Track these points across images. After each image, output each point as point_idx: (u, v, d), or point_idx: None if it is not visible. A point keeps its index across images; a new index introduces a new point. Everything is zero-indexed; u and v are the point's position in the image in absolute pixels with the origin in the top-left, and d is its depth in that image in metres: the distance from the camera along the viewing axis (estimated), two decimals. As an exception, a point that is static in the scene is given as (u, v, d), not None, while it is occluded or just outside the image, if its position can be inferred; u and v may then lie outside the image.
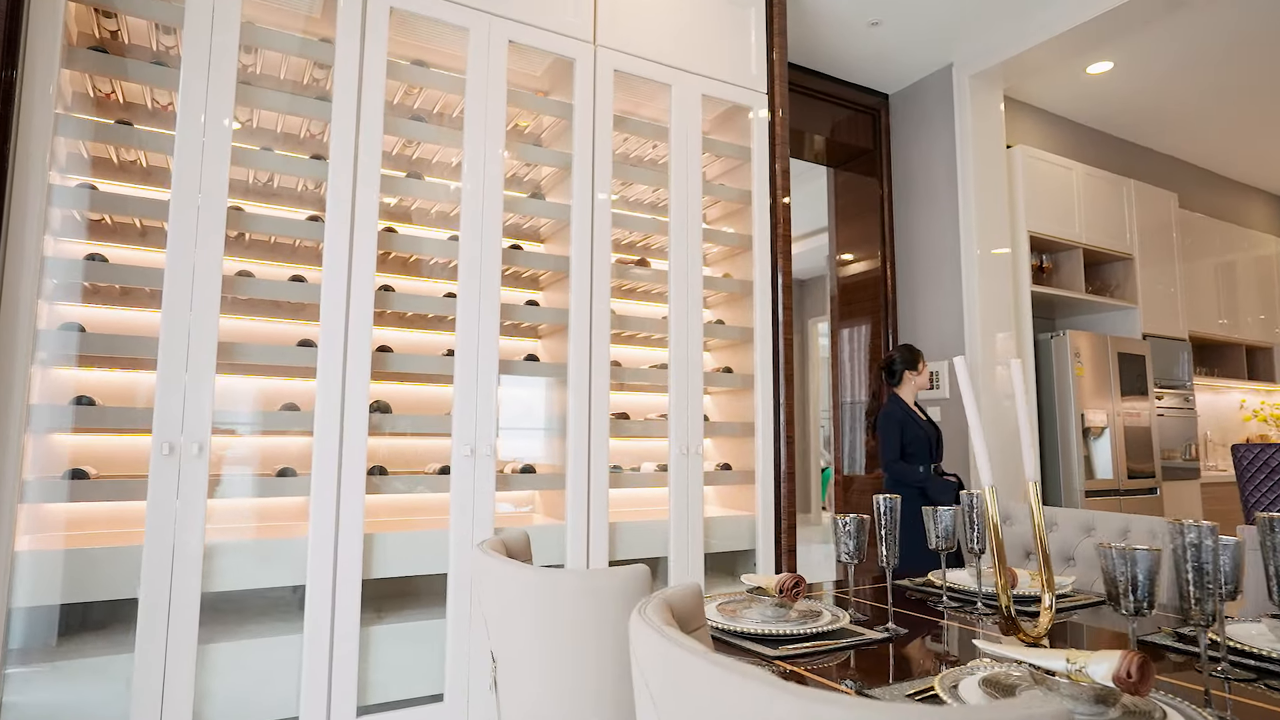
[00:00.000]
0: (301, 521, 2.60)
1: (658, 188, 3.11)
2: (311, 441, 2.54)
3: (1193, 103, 4.59)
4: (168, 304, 2.09)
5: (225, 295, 2.23)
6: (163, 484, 2.04)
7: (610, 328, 2.76)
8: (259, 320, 2.64)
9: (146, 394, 2.45)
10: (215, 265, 2.16)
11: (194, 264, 2.13)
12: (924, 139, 4.20)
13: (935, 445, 3.35)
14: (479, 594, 1.30)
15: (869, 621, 1.46)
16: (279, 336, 2.67)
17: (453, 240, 2.59)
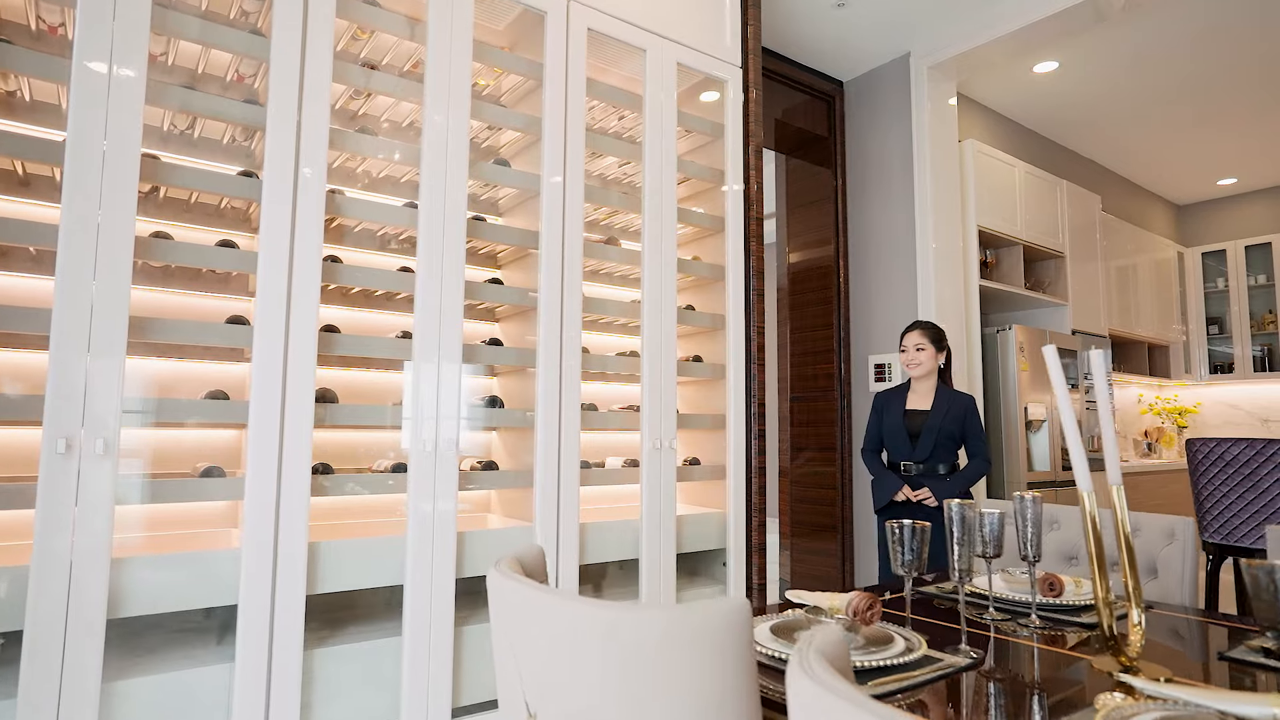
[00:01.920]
0: (228, 529, 2.25)
1: (626, 161, 2.89)
2: (242, 435, 2.20)
3: (1123, 106, 4.78)
4: (64, 269, 1.71)
5: (137, 261, 1.85)
6: (57, 488, 1.67)
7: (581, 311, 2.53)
8: (176, 293, 2.25)
9: (32, 378, 2.03)
10: (126, 224, 1.79)
11: (99, 222, 1.75)
12: (880, 129, 4.16)
13: (919, 437, 2.86)
14: (504, 626, 1.07)
15: (933, 642, 1.33)
16: (202, 312, 2.29)
17: (409, 207, 2.29)
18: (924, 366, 2.86)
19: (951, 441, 2.81)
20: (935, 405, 2.83)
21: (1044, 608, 1.51)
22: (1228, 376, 6.11)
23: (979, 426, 2.85)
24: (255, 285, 2.28)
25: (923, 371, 2.87)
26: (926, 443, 2.80)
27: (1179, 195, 6.43)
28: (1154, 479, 5.25)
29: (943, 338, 2.90)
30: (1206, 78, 4.35)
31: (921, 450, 2.82)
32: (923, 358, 2.86)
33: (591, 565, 2.59)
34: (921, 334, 2.88)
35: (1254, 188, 6.20)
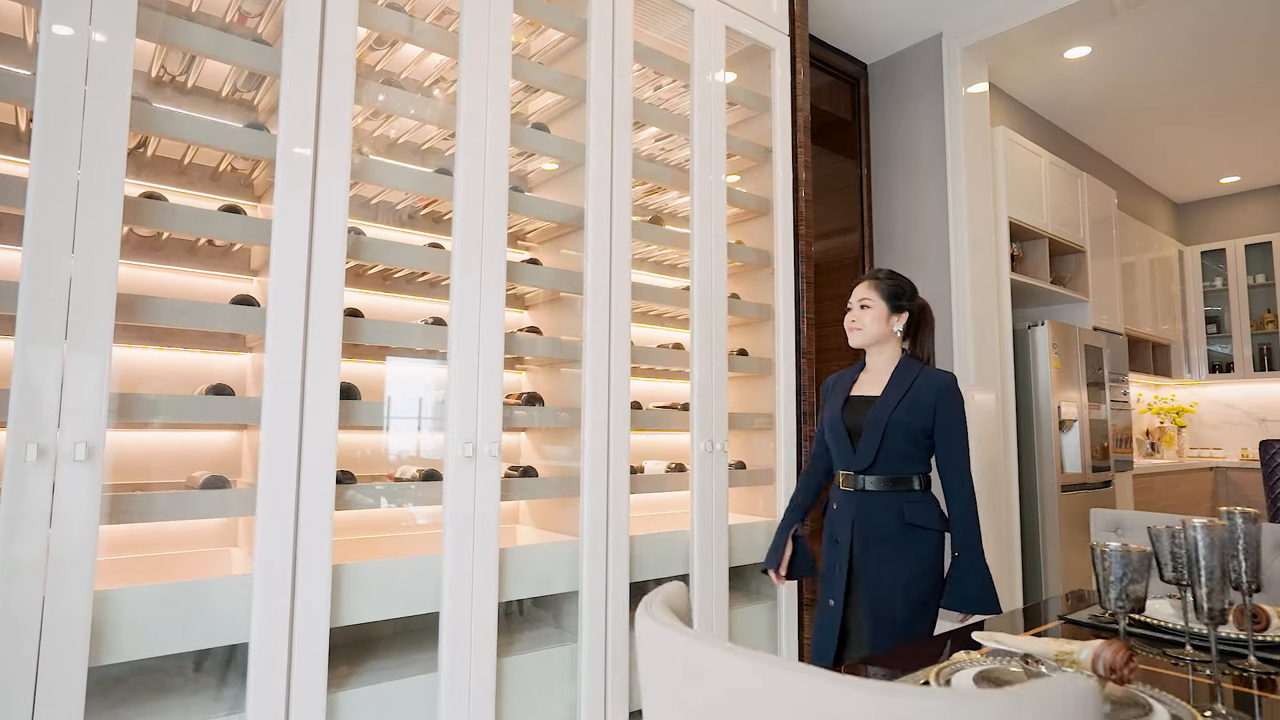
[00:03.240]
0: (223, 549, 1.92)
1: (668, 134, 2.61)
2: (244, 437, 1.87)
3: (1144, 98, 4.67)
4: (34, 237, 1.37)
5: (126, 228, 1.52)
6: (25, 505, 1.33)
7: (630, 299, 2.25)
8: (165, 269, 1.91)
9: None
10: (113, 181, 1.45)
11: (78, 178, 1.42)
12: (908, 113, 3.96)
13: (860, 435, 1.87)
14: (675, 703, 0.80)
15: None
16: (196, 292, 1.95)
17: (442, 174, 1.98)
18: (866, 332, 1.92)
19: (912, 444, 1.82)
20: (888, 388, 1.86)
21: (1262, 646, 1.29)
22: (1226, 376, 6.09)
23: (958, 423, 1.82)
24: (258, 261, 1.95)
25: (865, 339, 1.93)
26: (869, 444, 1.82)
27: (1180, 193, 6.40)
28: (1166, 479, 5.17)
29: (904, 294, 1.94)
30: (1229, 72, 4.26)
31: (863, 455, 1.83)
32: (866, 319, 1.92)
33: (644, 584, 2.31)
34: (869, 286, 1.94)
35: (1255, 186, 6.19)
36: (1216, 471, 5.90)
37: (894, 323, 1.94)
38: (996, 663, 1.05)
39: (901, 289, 1.96)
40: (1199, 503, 5.64)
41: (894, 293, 1.95)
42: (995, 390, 3.71)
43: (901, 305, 1.95)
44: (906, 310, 1.94)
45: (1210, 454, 6.24)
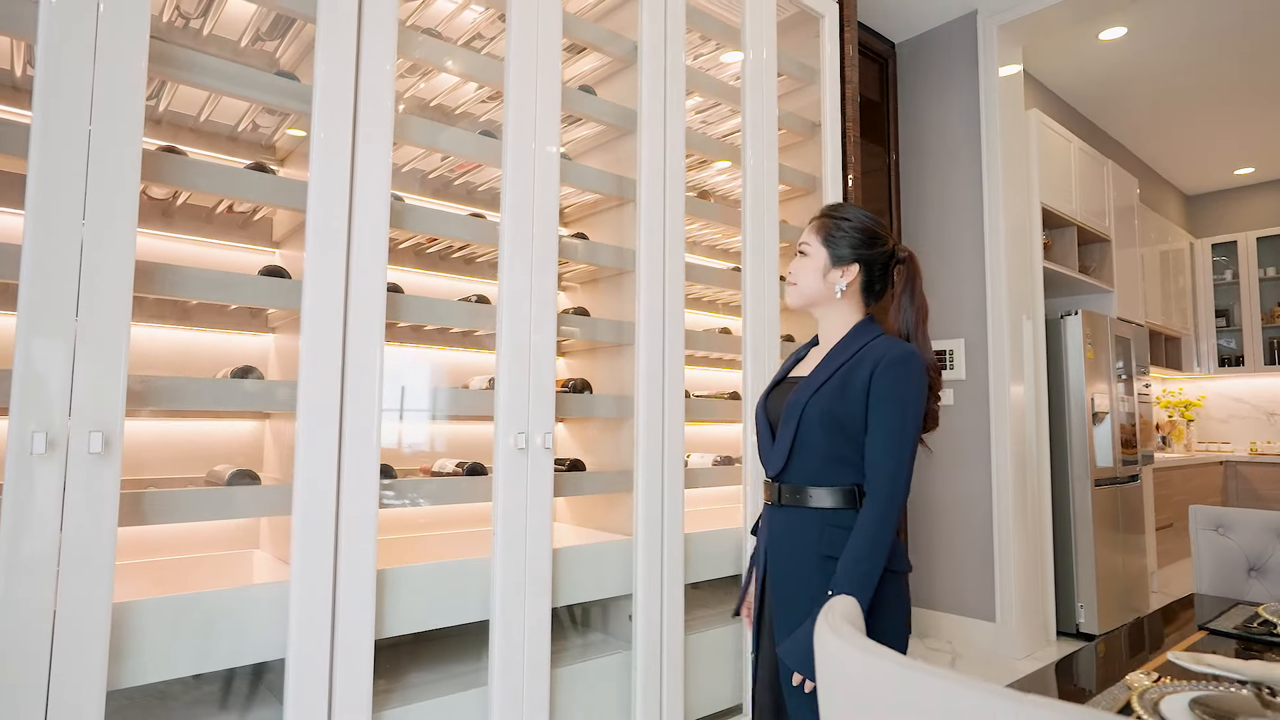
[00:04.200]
0: (240, 552, 1.72)
1: (714, 103, 2.44)
2: (265, 427, 1.68)
3: (1173, 83, 4.57)
4: (39, 198, 1.17)
5: (144, 187, 1.32)
6: (32, 504, 1.14)
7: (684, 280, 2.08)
8: (180, 238, 1.70)
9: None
10: (130, 133, 1.26)
11: (89, 129, 1.22)
12: (940, 95, 3.82)
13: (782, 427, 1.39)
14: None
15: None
16: (220, 264, 1.75)
17: (485, 137, 1.79)
18: (798, 289, 1.44)
19: (837, 441, 1.32)
20: (819, 366, 1.38)
21: None
22: (1236, 370, 6.05)
23: (893, 409, 1.29)
24: (280, 231, 1.76)
25: (797, 298, 1.45)
26: (783, 440, 1.37)
27: (1191, 184, 6.34)
28: (1182, 473, 5.11)
29: (852, 240, 1.40)
30: (1262, 58, 4.17)
31: (777, 455, 1.38)
32: (799, 271, 1.44)
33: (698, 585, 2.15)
34: (810, 227, 1.45)
35: (1271, 177, 6.14)
36: (1226, 466, 5.86)
37: (835, 278, 1.39)
38: (1211, 689, 0.90)
39: (848, 232, 1.40)
40: (1209, 496, 5.60)
41: (837, 237, 1.40)
42: (1028, 381, 3.59)
43: (846, 255, 1.39)
44: (857, 263, 1.39)
45: (1219, 448, 6.20)
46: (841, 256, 1.40)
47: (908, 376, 1.29)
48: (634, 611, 1.89)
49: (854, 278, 1.40)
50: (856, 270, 1.40)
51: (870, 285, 1.42)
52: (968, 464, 3.61)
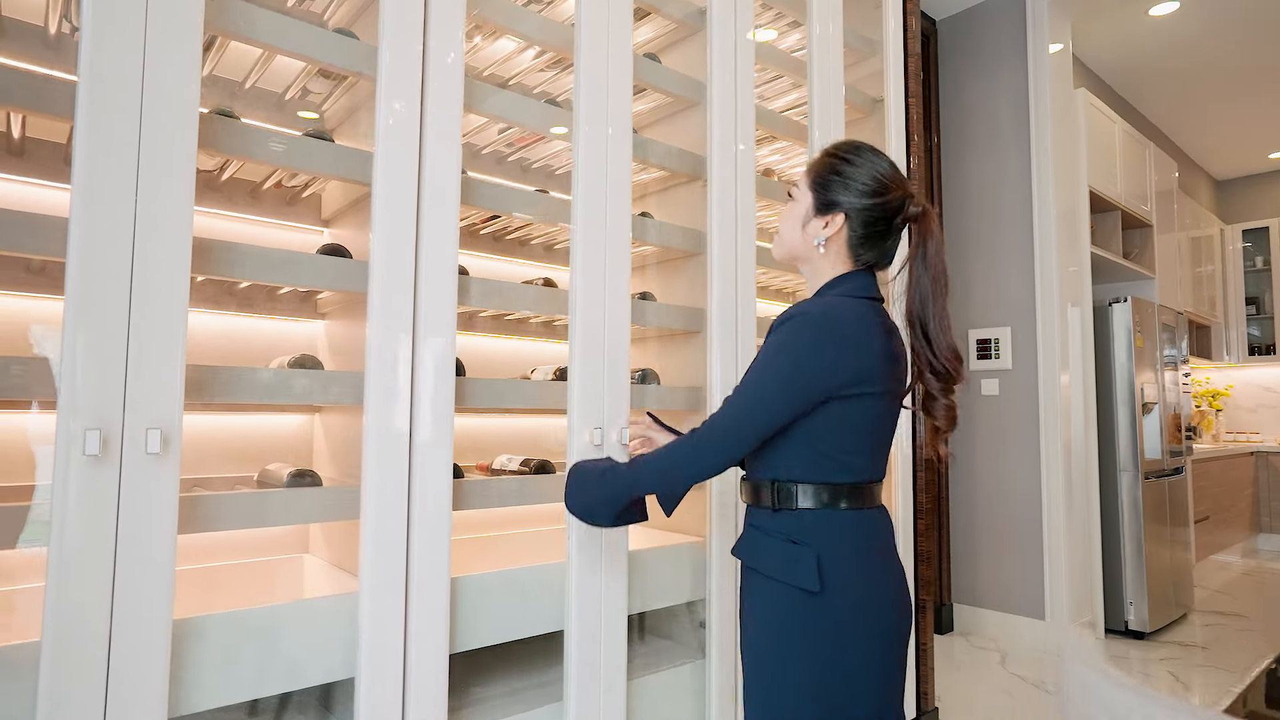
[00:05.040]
0: (293, 556, 1.60)
1: (776, 74, 2.29)
2: (314, 421, 1.55)
3: (1219, 63, 4.43)
4: (87, 167, 1.03)
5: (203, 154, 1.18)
6: (83, 511, 1.01)
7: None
8: (228, 215, 1.56)
9: (17, 336, 1.34)
10: (187, 86, 1.12)
11: (140, 91, 1.08)
12: (985, 74, 3.68)
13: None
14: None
15: None
16: (273, 242, 1.62)
17: (551, 106, 1.65)
18: (778, 240, 1.25)
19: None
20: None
21: None
22: (1267, 358, 5.94)
23: (753, 368, 1.12)
24: (330, 209, 1.62)
25: (778, 249, 1.26)
26: None
27: (1222, 169, 6.21)
28: (1215, 465, 5.00)
29: (859, 190, 1.15)
30: (1312, 34, 4.03)
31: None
32: (781, 220, 1.25)
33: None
34: (805, 169, 1.23)
35: (1306, 162, 6.02)
36: (1257, 456, 5.77)
37: (815, 229, 1.16)
38: None
39: (844, 176, 1.15)
40: (1241, 488, 5.51)
41: (829, 181, 1.16)
42: (1075, 371, 3.47)
43: (831, 202, 1.15)
44: (843, 212, 1.15)
45: (1247, 438, 6.11)
46: (827, 204, 1.16)
47: (786, 334, 1.08)
48: (707, 617, 1.77)
49: (836, 230, 1.16)
50: (841, 222, 1.16)
51: (863, 243, 1.16)
52: (1014, 455, 3.49)
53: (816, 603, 1.07)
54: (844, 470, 1.10)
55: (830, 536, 1.10)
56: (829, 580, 1.07)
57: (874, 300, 1.17)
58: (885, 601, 1.10)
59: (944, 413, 1.14)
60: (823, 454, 1.10)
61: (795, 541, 1.10)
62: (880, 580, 1.11)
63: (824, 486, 1.11)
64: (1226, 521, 5.20)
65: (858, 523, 1.11)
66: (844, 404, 1.09)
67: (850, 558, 1.09)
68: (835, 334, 1.08)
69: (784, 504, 1.12)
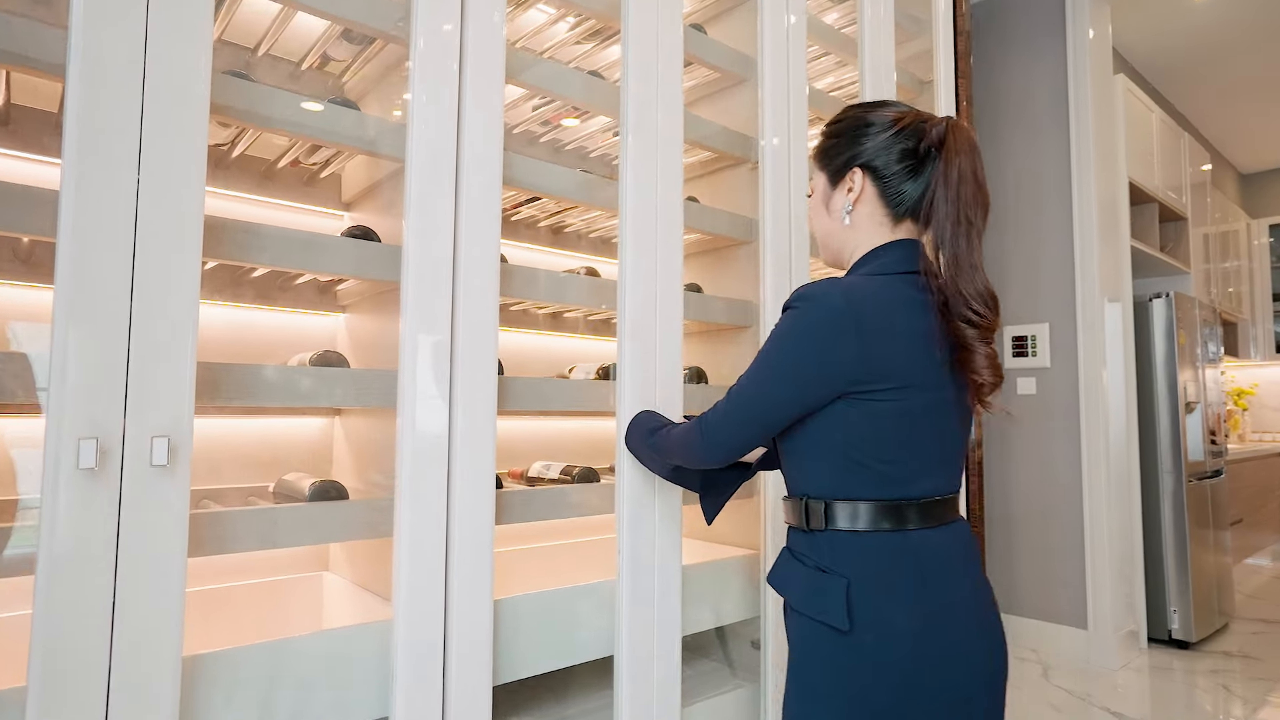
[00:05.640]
0: (313, 574, 1.45)
1: (825, 52, 2.14)
2: (334, 424, 1.40)
3: (1256, 51, 4.28)
4: (80, 138, 0.88)
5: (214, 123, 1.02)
6: (79, 531, 0.85)
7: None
8: (242, 197, 1.41)
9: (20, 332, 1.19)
10: (199, 45, 0.97)
11: (143, 49, 0.93)
12: (1021, 57, 3.53)
13: None
14: None
15: None
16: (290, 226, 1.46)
17: (594, 77, 1.50)
18: (819, 243, 1.10)
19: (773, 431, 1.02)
20: None
21: None
22: (1296, 356, 5.81)
23: (757, 356, 0.98)
24: (351, 191, 1.47)
25: (823, 251, 1.10)
26: None
27: (1248, 163, 6.07)
28: (1251, 465, 4.85)
29: (860, 134, 0.99)
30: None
31: None
32: (810, 222, 1.21)
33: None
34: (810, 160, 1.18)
35: (1337, 155, 5.87)
36: (1286, 456, 5.63)
37: (838, 201, 1.02)
38: None
39: (840, 132, 1.02)
40: (1273, 488, 5.37)
41: (829, 147, 1.03)
42: (1115, 369, 3.32)
43: (842, 162, 1.01)
44: (858, 165, 0.99)
45: (1274, 438, 5.97)
46: (840, 167, 1.01)
47: (792, 315, 0.94)
48: (762, 638, 1.62)
49: (860, 189, 0.99)
50: (861, 178, 0.99)
51: (895, 193, 0.97)
52: (1054, 458, 3.34)
53: (845, 643, 0.90)
54: (883, 483, 0.92)
55: (866, 563, 0.91)
56: (860, 616, 0.89)
57: (911, 274, 0.96)
58: (943, 650, 0.89)
59: (985, 364, 0.92)
60: (856, 463, 0.92)
61: (825, 569, 0.93)
62: (937, 624, 0.90)
63: (859, 503, 0.92)
64: (1258, 524, 5.06)
65: (904, 547, 0.91)
66: (869, 403, 0.90)
67: (891, 590, 0.90)
68: (847, 317, 0.89)
69: (815, 524, 0.95)
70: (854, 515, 0.92)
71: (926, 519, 0.93)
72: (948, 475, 0.97)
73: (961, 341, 0.92)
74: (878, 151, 0.98)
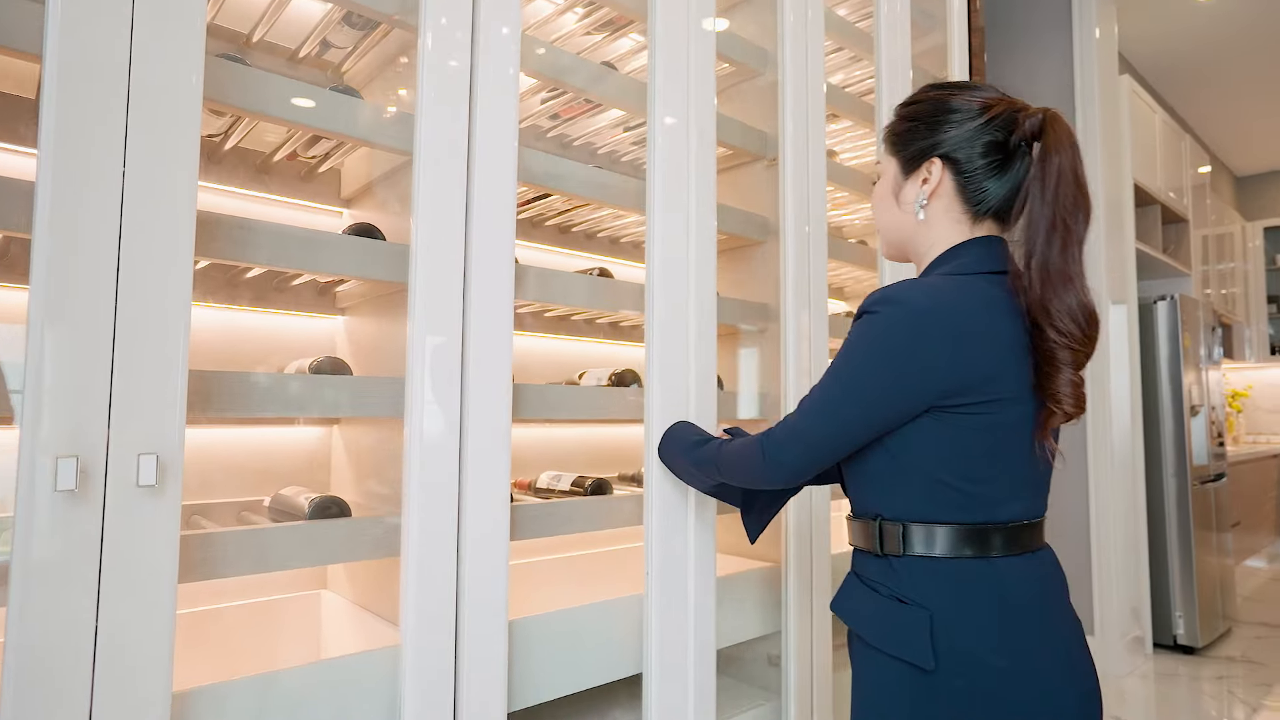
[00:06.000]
0: (310, 593, 1.36)
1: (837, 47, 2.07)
2: (329, 435, 1.32)
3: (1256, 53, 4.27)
4: (59, 103, 0.80)
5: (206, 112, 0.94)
6: (53, 559, 0.77)
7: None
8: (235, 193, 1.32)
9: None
10: (193, 22, 0.88)
11: (130, 28, 0.84)
12: (1027, 56, 3.48)
13: None
14: None
15: None
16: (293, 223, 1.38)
17: (606, 68, 1.42)
18: (880, 232, 1.01)
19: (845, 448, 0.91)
20: None
21: None
22: (1288, 358, 5.82)
23: (830, 367, 0.89)
24: (351, 187, 1.39)
25: (884, 244, 1.02)
26: None
27: (1243, 165, 6.08)
28: (1249, 468, 4.85)
29: (944, 120, 0.89)
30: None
31: None
32: (874, 208, 1.01)
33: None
34: (882, 141, 1.01)
35: (1331, 157, 5.88)
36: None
37: (911, 192, 0.92)
38: None
39: (918, 118, 0.92)
40: (1266, 491, 5.37)
41: (903, 131, 0.94)
42: (1120, 372, 3.28)
43: (919, 150, 0.91)
44: (938, 155, 0.89)
45: (1268, 440, 5.98)
46: (916, 154, 0.91)
47: (871, 321, 0.84)
48: (784, 654, 1.55)
49: (937, 181, 0.89)
50: (940, 169, 0.89)
51: (978, 187, 0.88)
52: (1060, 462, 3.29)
53: (928, 683, 0.81)
54: (971, 505, 0.84)
55: (949, 594, 0.83)
56: (945, 654, 0.81)
57: (997, 274, 0.88)
58: (1033, 693, 0.81)
59: (1068, 391, 0.83)
60: (940, 483, 0.84)
61: (904, 600, 0.85)
62: (1027, 664, 0.81)
63: (940, 526, 0.84)
64: (1255, 526, 5.06)
65: (990, 577, 0.83)
66: (958, 417, 0.82)
67: (977, 625, 0.82)
68: (935, 321, 0.81)
69: (891, 549, 0.87)
70: (934, 540, 0.84)
71: (1012, 545, 0.85)
72: (1036, 498, 0.89)
73: (1049, 358, 0.83)
74: (961, 142, 0.88)
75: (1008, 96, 0.91)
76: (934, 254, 0.92)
